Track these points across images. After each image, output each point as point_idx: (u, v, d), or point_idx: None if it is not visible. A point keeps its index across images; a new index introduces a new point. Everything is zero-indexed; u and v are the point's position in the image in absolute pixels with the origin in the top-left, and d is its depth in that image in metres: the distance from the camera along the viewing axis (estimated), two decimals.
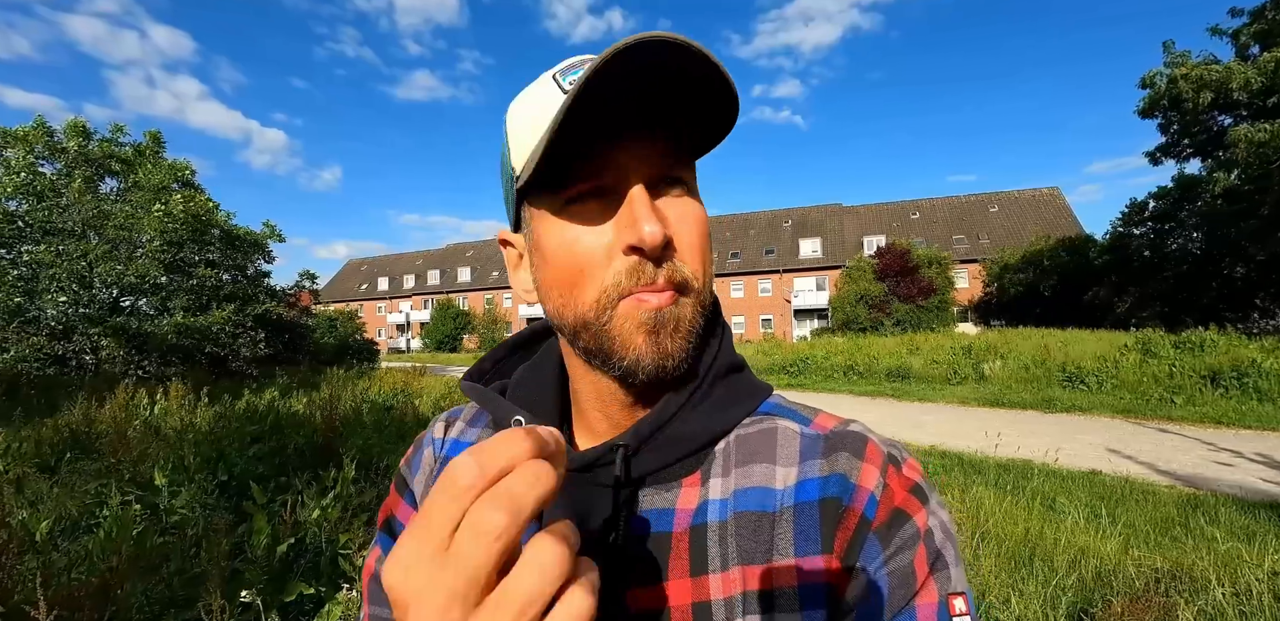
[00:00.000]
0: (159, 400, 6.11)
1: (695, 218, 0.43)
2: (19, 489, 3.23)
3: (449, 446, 0.56)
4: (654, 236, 0.38)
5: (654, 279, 0.40)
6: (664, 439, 0.44)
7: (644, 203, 0.39)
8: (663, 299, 0.40)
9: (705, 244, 0.43)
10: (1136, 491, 4.42)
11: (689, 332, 0.42)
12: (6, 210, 9.81)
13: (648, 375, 0.41)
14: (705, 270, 0.43)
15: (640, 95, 0.38)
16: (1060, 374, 11.01)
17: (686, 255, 0.41)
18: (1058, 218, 36.36)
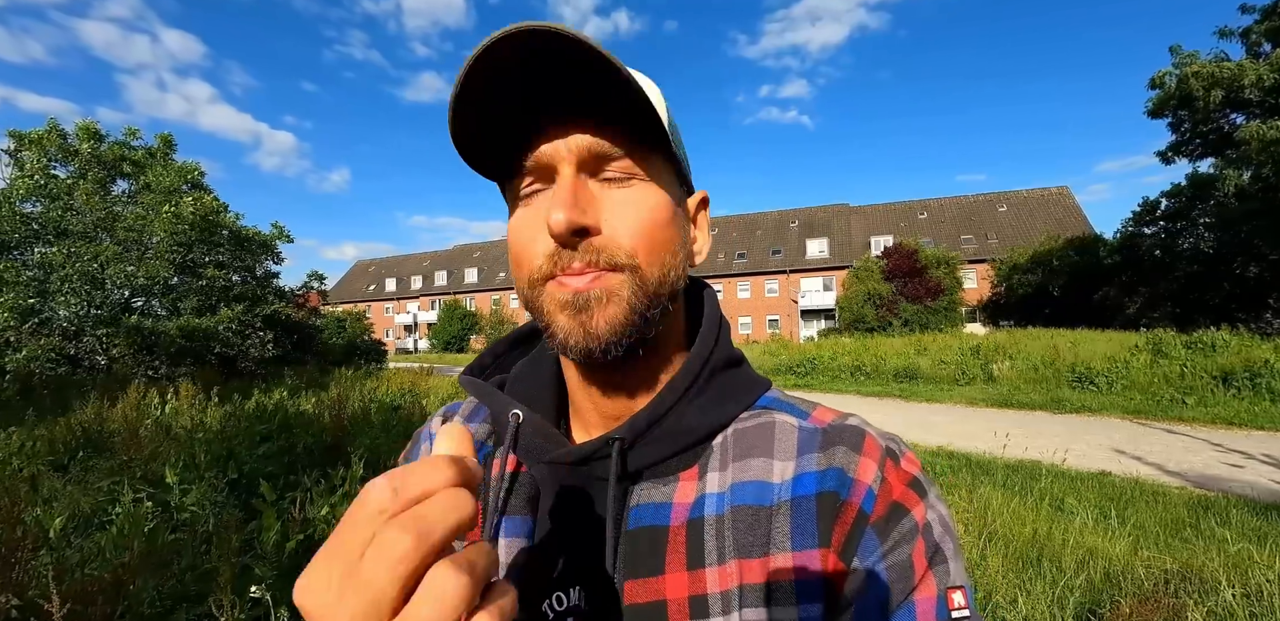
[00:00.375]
0: (170, 400, 6.17)
1: (637, 202, 0.43)
2: (33, 486, 3.27)
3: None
4: (559, 223, 0.39)
5: (569, 262, 0.41)
6: (660, 433, 0.44)
7: (563, 188, 0.41)
8: (583, 281, 0.41)
9: (649, 228, 0.42)
10: (1146, 492, 4.38)
11: (623, 311, 0.41)
12: (20, 212, 9.93)
13: (577, 354, 0.42)
14: (649, 250, 0.42)
15: (523, 84, 0.40)
16: (1070, 374, 10.93)
17: (622, 238, 0.41)
18: (1067, 217, 36.10)
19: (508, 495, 0.47)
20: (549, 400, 0.52)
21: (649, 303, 0.42)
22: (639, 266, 0.42)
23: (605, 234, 0.41)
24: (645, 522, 0.43)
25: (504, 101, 0.41)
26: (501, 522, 0.46)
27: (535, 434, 0.46)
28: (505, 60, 0.38)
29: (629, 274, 0.41)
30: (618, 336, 0.41)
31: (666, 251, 0.43)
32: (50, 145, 10.40)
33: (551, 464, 0.45)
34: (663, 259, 0.43)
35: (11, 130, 10.26)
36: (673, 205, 0.45)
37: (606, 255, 0.41)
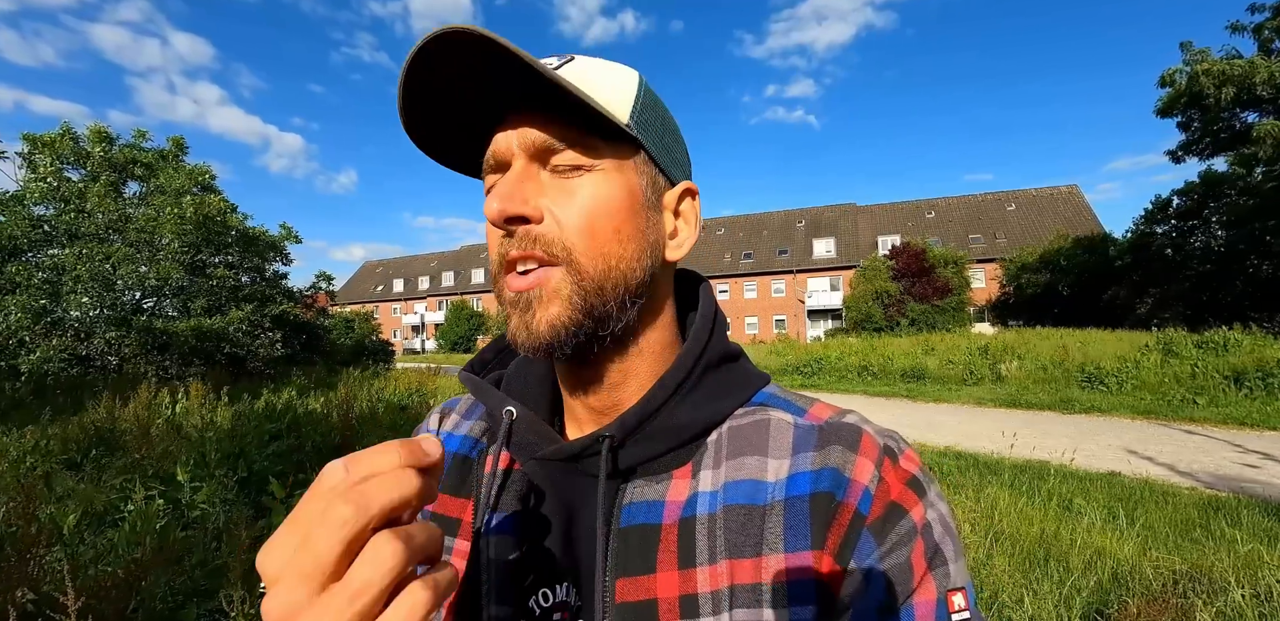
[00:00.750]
0: (180, 399, 6.23)
1: (579, 191, 0.43)
2: (48, 484, 3.32)
3: (444, 439, 0.56)
4: (491, 211, 0.41)
5: (508, 249, 0.42)
6: (651, 430, 0.44)
7: (506, 180, 0.42)
8: (524, 281, 0.42)
9: (589, 219, 0.42)
10: (1156, 493, 4.35)
11: (563, 311, 0.41)
12: (33, 215, 10.06)
13: (525, 352, 0.43)
14: (588, 243, 0.42)
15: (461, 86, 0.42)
16: (1079, 374, 10.86)
17: (564, 229, 0.42)
18: (1077, 216, 35.83)
19: (500, 491, 0.48)
20: (543, 397, 0.52)
21: (595, 299, 0.42)
22: (575, 258, 0.41)
23: (545, 223, 0.42)
24: (637, 520, 0.43)
25: (449, 105, 0.43)
26: (492, 518, 0.47)
27: (528, 430, 0.46)
28: (441, 65, 0.40)
29: (566, 268, 0.42)
30: (560, 336, 0.41)
31: (613, 241, 0.43)
32: (63, 148, 10.52)
33: (543, 460, 0.45)
34: (606, 249, 0.42)
35: (25, 133, 10.38)
36: (630, 195, 0.44)
37: (543, 244, 0.41)
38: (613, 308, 0.43)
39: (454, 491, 0.51)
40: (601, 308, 0.42)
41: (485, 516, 0.47)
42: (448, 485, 0.52)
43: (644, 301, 0.45)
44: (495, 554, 0.46)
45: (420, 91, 0.42)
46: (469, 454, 0.53)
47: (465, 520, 0.49)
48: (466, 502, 0.50)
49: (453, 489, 0.51)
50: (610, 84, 0.44)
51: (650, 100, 0.47)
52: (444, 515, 0.50)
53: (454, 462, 0.53)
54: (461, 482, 0.51)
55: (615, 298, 0.43)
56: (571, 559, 0.44)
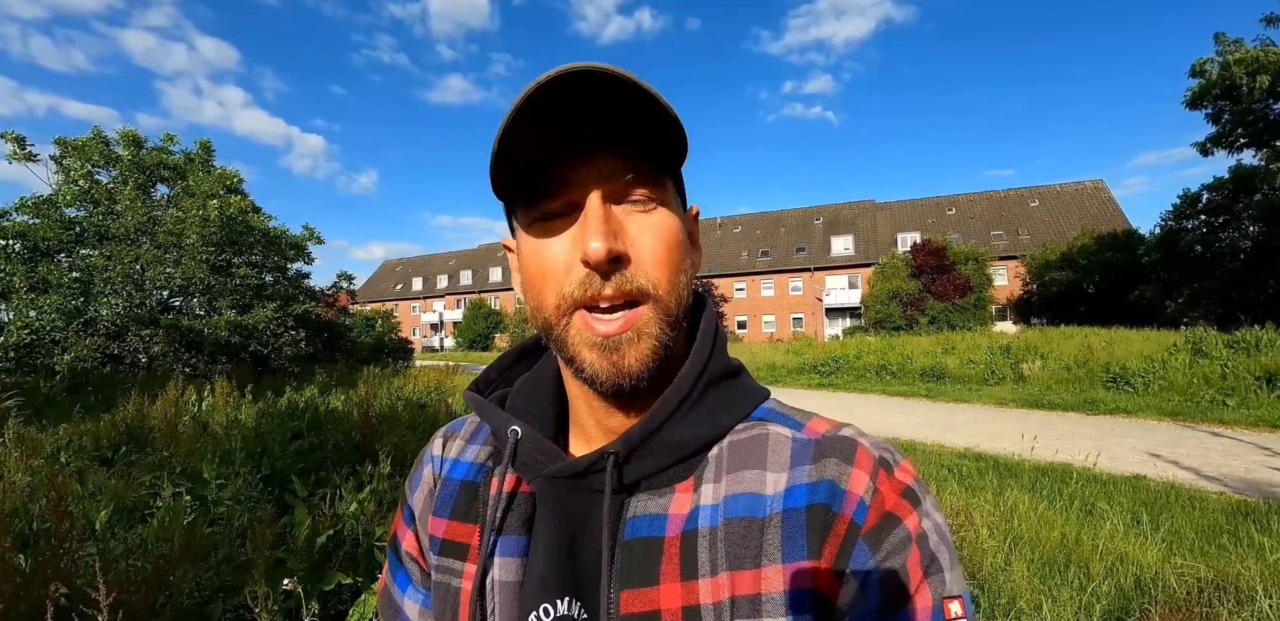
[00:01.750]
0: (206, 397, 6.37)
1: (659, 229, 0.44)
2: (80, 480, 3.42)
3: (449, 466, 0.57)
4: (597, 252, 0.40)
5: (600, 290, 0.42)
6: (654, 446, 0.45)
7: (596, 217, 0.41)
8: (613, 326, 0.42)
9: (669, 254, 0.44)
10: (1182, 497, 4.25)
11: (651, 346, 0.43)
12: (65, 217, 10.34)
13: (606, 388, 0.43)
14: (669, 278, 0.44)
15: (574, 120, 0.41)
16: (1104, 374, 10.64)
17: (647, 265, 0.43)
18: (1103, 212, 35.05)
19: (505, 514, 0.49)
20: (548, 415, 0.53)
21: (672, 332, 0.44)
22: (661, 296, 0.43)
23: (634, 261, 0.43)
24: (641, 534, 0.44)
25: (545, 135, 0.42)
26: (498, 540, 0.48)
27: (533, 449, 0.47)
28: (547, 97, 0.39)
29: (653, 305, 0.43)
30: (646, 370, 0.43)
31: (681, 273, 0.45)
32: (93, 152, 10.80)
33: (549, 478, 0.47)
34: (679, 283, 0.44)
35: (57, 137, 10.68)
36: (682, 227, 0.46)
37: (636, 283, 0.42)
38: (674, 337, 0.45)
39: (461, 517, 0.52)
40: (674, 338, 0.45)
41: (490, 538, 0.48)
42: (456, 511, 0.53)
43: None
44: (500, 574, 0.47)
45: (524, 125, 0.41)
46: (476, 480, 0.54)
47: (473, 544, 0.50)
48: (474, 527, 0.51)
49: (460, 515, 0.53)
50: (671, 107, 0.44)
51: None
52: (453, 541, 0.52)
53: (461, 490, 0.54)
54: (469, 508, 0.52)
55: (679, 329, 0.45)
56: (576, 573, 0.45)
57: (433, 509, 0.55)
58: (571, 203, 0.43)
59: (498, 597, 0.47)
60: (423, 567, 0.56)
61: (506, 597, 0.46)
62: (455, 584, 0.50)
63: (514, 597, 0.46)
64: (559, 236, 0.44)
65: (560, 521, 0.47)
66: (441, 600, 0.50)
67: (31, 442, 4.11)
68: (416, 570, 0.57)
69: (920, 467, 5.19)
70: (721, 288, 39.47)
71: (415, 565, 0.57)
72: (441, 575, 0.51)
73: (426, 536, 0.54)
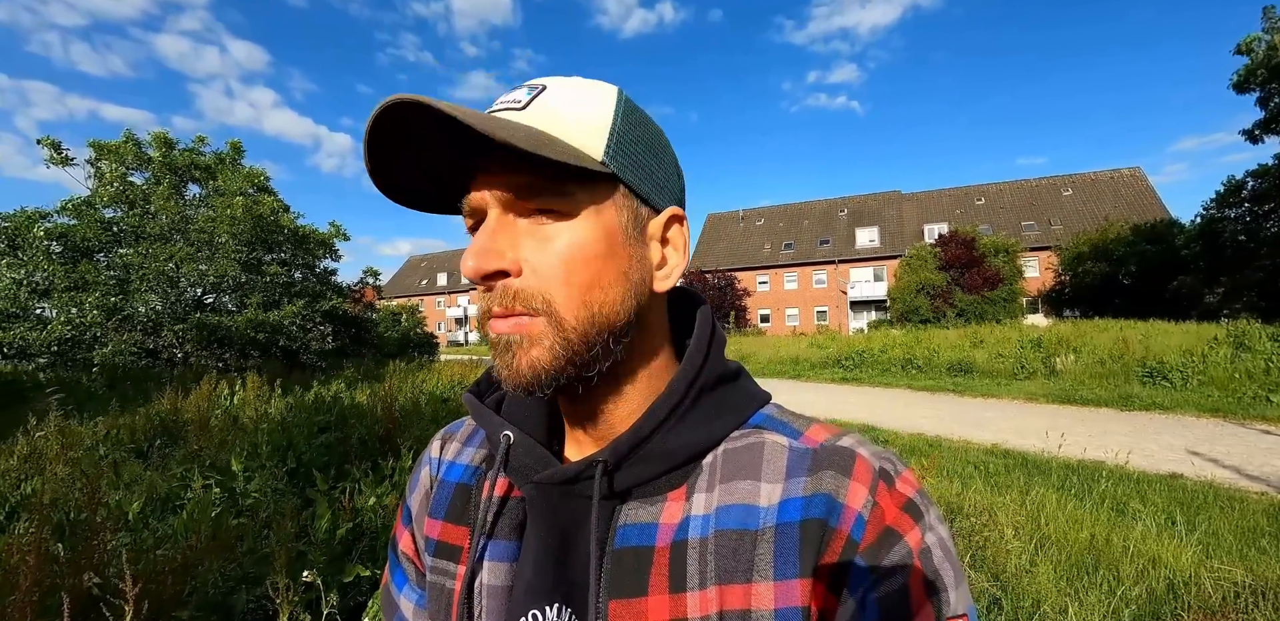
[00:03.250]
0: (238, 391, 6.55)
1: (558, 242, 0.42)
2: (116, 472, 3.55)
3: (445, 469, 0.57)
4: (466, 271, 0.42)
5: (490, 305, 0.43)
6: (644, 454, 0.44)
7: (481, 233, 0.42)
8: (504, 325, 0.42)
9: (564, 267, 0.41)
10: (1221, 497, 4.10)
11: (543, 355, 0.41)
12: (103, 218, 10.70)
13: (510, 390, 0.43)
14: (567, 290, 0.41)
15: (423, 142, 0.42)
16: (1140, 369, 10.30)
17: (538, 281, 0.42)
18: (1140, 200, 33.89)
19: (496, 517, 0.49)
20: (541, 420, 0.52)
21: (578, 346, 0.42)
22: (555, 310, 0.41)
23: (524, 276, 0.42)
24: (631, 543, 0.43)
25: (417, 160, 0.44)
26: (488, 543, 0.48)
27: (525, 455, 0.47)
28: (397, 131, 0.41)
29: (546, 319, 0.41)
30: (542, 378, 0.42)
31: (593, 288, 0.42)
32: (127, 154, 11.14)
33: (539, 484, 0.46)
34: (586, 297, 0.42)
35: (91, 141, 11.05)
36: (609, 237, 0.43)
37: (522, 299, 0.41)
38: (598, 352, 0.43)
39: (455, 520, 0.53)
40: (586, 354, 0.42)
41: (480, 541, 0.48)
42: (450, 514, 0.53)
43: (632, 337, 0.45)
44: (489, 578, 0.47)
45: (386, 155, 0.43)
46: (469, 482, 0.54)
47: (465, 547, 0.51)
48: (467, 530, 0.51)
49: (455, 517, 0.53)
50: (582, 117, 0.43)
51: (631, 124, 0.45)
52: (447, 543, 0.52)
53: (456, 492, 0.54)
54: (462, 511, 0.53)
55: (600, 342, 0.43)
56: (566, 580, 0.45)
57: (428, 510, 0.55)
58: (476, 214, 0.45)
59: (485, 601, 0.47)
60: (418, 568, 0.56)
61: (494, 602, 0.47)
62: (449, 585, 0.50)
63: (502, 602, 0.46)
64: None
65: (551, 527, 0.46)
66: (436, 600, 0.51)
67: (72, 435, 4.27)
68: (412, 570, 0.57)
69: (945, 465, 5.09)
70: (744, 281, 39.17)
71: (411, 565, 0.57)
72: (436, 576, 0.52)
73: (422, 537, 0.55)
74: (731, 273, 38.58)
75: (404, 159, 0.44)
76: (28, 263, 9.76)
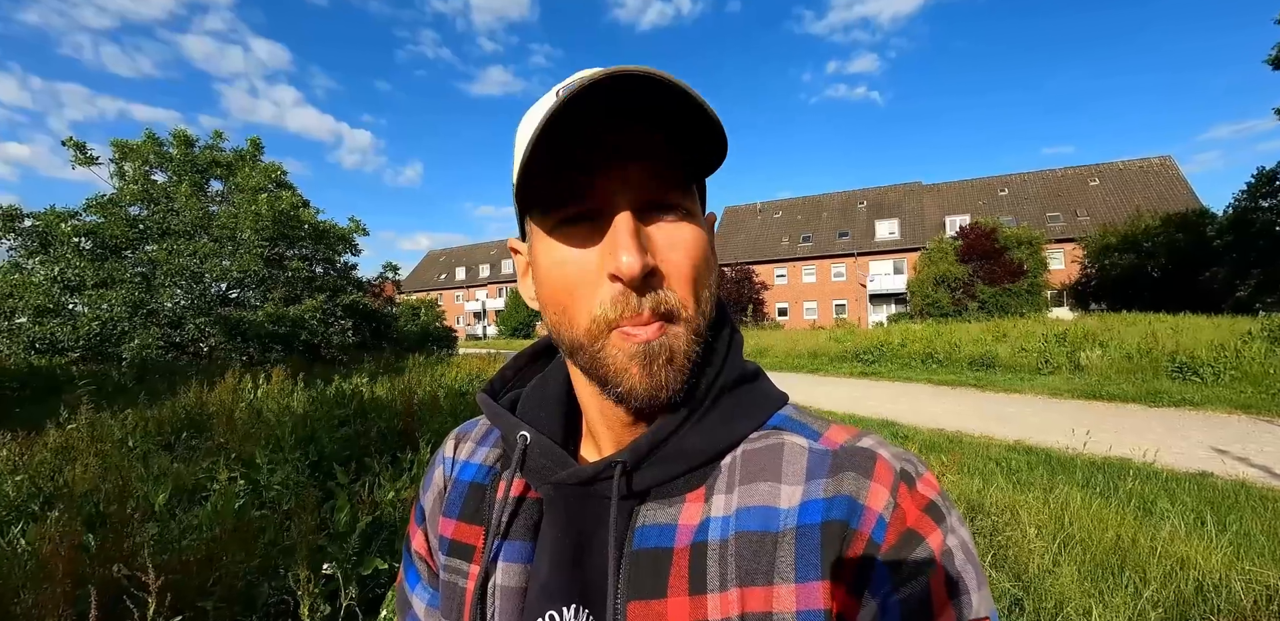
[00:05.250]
0: (261, 384, 6.67)
1: (687, 244, 0.42)
2: (145, 464, 3.64)
3: (459, 468, 0.57)
4: (631, 267, 0.38)
5: (639, 309, 0.40)
6: (663, 455, 0.44)
7: (627, 231, 0.39)
8: (649, 332, 0.40)
9: (697, 270, 0.42)
10: (1253, 497, 3.99)
11: (683, 363, 0.42)
12: (129, 215, 10.94)
13: (640, 403, 0.42)
14: (697, 296, 0.42)
15: (613, 125, 0.39)
16: (1169, 364, 10.05)
17: (675, 283, 0.41)
18: (1170, 190, 32.92)
19: (511, 518, 0.49)
20: (557, 420, 0.52)
21: (700, 346, 0.43)
22: (690, 316, 0.42)
23: (664, 278, 0.41)
24: (650, 544, 0.43)
25: (586, 141, 0.39)
26: (503, 544, 0.48)
27: (542, 455, 0.47)
28: (588, 101, 0.36)
29: (684, 323, 0.42)
30: (679, 383, 0.42)
31: (707, 288, 0.44)
32: (148, 152, 11.37)
33: (557, 485, 0.46)
34: (706, 298, 0.44)
35: (114, 140, 11.35)
36: (709, 238, 0.45)
37: (669, 303, 0.41)
38: (699, 353, 0.44)
39: (469, 519, 0.53)
40: (700, 353, 0.43)
41: (494, 543, 0.48)
42: (464, 513, 0.53)
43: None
44: (503, 580, 0.47)
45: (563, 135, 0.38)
46: (483, 481, 0.54)
47: (479, 546, 0.51)
48: (481, 530, 0.51)
49: (469, 517, 0.53)
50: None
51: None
52: (460, 541, 0.52)
53: (470, 491, 0.54)
54: (476, 510, 0.53)
55: (705, 342, 0.44)
56: (583, 581, 0.45)
57: (442, 510, 0.55)
58: (597, 210, 0.41)
59: (499, 603, 0.47)
60: (430, 567, 0.56)
61: (508, 603, 0.46)
62: (461, 584, 0.50)
63: (517, 604, 0.46)
64: (584, 248, 0.42)
65: (568, 528, 0.46)
66: (449, 599, 0.51)
67: (102, 428, 4.38)
68: (425, 569, 0.57)
69: (965, 462, 5.02)
70: (762, 274, 38.91)
71: (424, 564, 0.57)
72: (449, 575, 0.52)
73: (435, 537, 0.55)
74: (749, 266, 38.32)
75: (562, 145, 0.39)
76: (59, 260, 10.02)
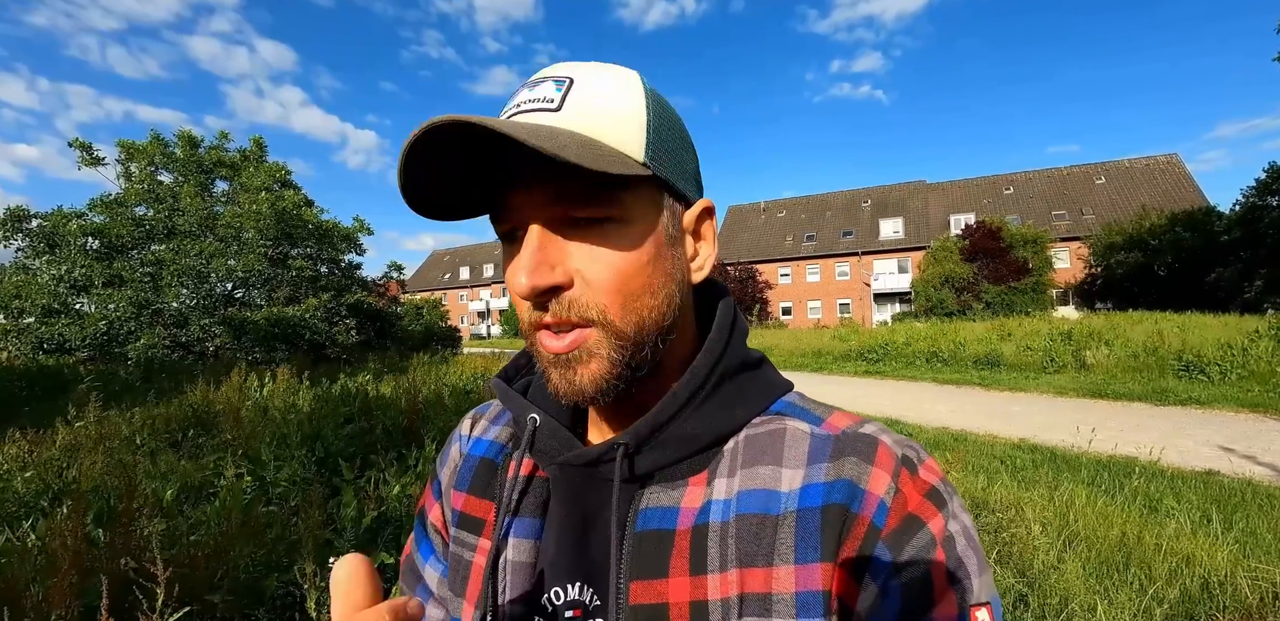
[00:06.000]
0: (267, 383, 6.70)
1: (609, 254, 0.41)
2: (153, 461, 3.66)
3: (472, 444, 0.59)
4: (520, 288, 0.40)
5: (542, 316, 0.42)
6: (665, 438, 0.45)
7: (528, 249, 0.41)
8: (562, 343, 0.42)
9: (621, 276, 0.41)
10: (1260, 495, 3.96)
11: (604, 369, 0.42)
12: (135, 215, 11.00)
13: (568, 402, 0.44)
14: (622, 303, 0.41)
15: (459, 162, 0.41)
16: (1176, 362, 9.99)
17: (595, 292, 0.41)
18: (1176, 188, 32.73)
19: (521, 496, 0.50)
20: (563, 405, 0.53)
21: (631, 352, 0.42)
22: (611, 321, 0.41)
23: (577, 287, 0.41)
24: (652, 526, 0.44)
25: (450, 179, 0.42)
26: (512, 521, 0.50)
27: (550, 437, 0.48)
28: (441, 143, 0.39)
29: (602, 329, 0.41)
30: (602, 389, 0.42)
31: (644, 295, 0.42)
32: (153, 153, 11.43)
33: (564, 465, 0.47)
34: (639, 306, 0.42)
35: (120, 141, 11.40)
36: (656, 240, 0.43)
37: (577, 310, 0.41)
38: (650, 352, 0.44)
39: (480, 493, 0.54)
40: (639, 357, 0.43)
41: (505, 519, 0.49)
42: (474, 487, 0.55)
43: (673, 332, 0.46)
44: (514, 555, 0.49)
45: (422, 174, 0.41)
46: (494, 458, 0.55)
47: (488, 521, 0.52)
48: (490, 504, 0.53)
49: (479, 491, 0.54)
50: (618, 114, 0.41)
51: (659, 114, 0.44)
52: (470, 514, 0.54)
53: (480, 466, 0.56)
54: (486, 485, 0.54)
55: (650, 344, 0.43)
56: (588, 560, 0.46)
57: (455, 483, 0.57)
58: (516, 227, 0.43)
59: (509, 577, 0.48)
60: (445, 539, 0.58)
61: (518, 578, 0.48)
62: (468, 557, 0.52)
63: (526, 578, 0.48)
64: (512, 260, 0.44)
65: (573, 508, 0.47)
66: (455, 570, 0.53)
67: (110, 426, 4.41)
68: (439, 541, 0.59)
69: (970, 460, 5.01)
70: (766, 273, 38.84)
71: (439, 536, 0.59)
72: (457, 547, 0.54)
73: (450, 510, 0.57)
74: (753, 265, 38.28)
75: (439, 176, 0.42)
76: (65, 260, 10.08)
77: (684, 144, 0.47)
